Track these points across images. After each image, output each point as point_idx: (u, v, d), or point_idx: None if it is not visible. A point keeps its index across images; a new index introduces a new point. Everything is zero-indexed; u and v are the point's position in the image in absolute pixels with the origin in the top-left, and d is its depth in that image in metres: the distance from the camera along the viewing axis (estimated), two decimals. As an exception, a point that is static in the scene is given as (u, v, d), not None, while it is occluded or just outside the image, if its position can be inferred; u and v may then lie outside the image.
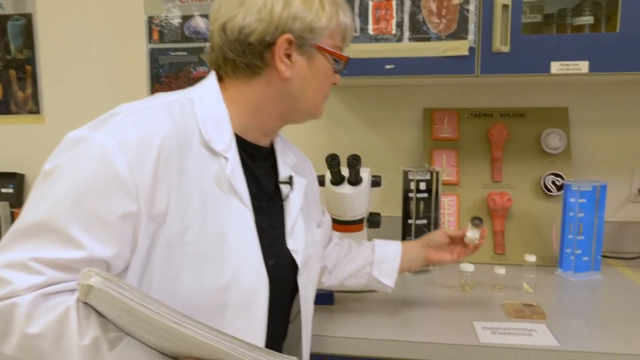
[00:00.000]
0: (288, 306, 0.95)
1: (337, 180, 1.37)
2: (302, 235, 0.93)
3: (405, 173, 1.51)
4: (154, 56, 1.84)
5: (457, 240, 1.18)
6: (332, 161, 1.32)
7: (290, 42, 0.82)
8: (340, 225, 1.42)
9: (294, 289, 0.93)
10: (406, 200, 1.51)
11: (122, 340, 0.66)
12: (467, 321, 1.15)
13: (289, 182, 0.94)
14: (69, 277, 0.69)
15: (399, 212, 1.56)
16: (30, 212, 0.70)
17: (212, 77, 0.88)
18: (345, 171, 1.38)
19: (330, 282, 1.18)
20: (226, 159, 0.80)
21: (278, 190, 0.94)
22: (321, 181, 1.43)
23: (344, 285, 1.18)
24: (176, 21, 1.82)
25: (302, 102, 0.88)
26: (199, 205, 0.76)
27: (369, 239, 1.64)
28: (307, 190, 0.99)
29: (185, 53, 1.82)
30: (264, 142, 0.92)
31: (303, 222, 0.95)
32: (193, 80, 1.82)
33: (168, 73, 1.84)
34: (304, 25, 0.82)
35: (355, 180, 1.36)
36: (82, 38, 1.90)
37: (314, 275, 1.00)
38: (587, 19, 1.40)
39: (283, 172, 0.94)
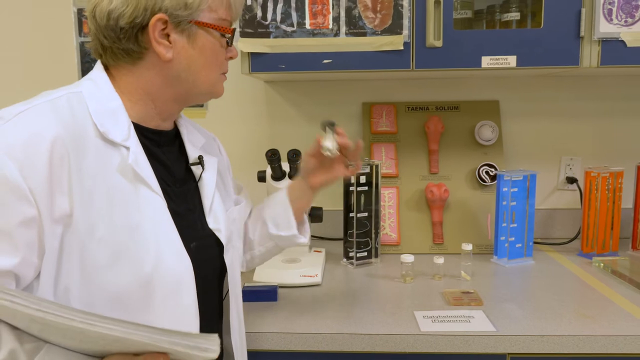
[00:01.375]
0: (218, 286, 0.93)
1: (278, 175, 1.36)
2: (222, 213, 0.91)
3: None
4: (85, 50, 1.76)
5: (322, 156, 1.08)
6: (273, 156, 1.30)
7: (164, 22, 0.78)
8: (282, 221, 1.41)
9: (222, 268, 0.91)
10: (347, 193, 1.51)
11: (41, 348, 0.63)
12: (409, 311, 1.17)
13: (200, 162, 0.91)
14: None
15: (340, 206, 1.56)
16: None
17: (98, 67, 0.83)
18: (286, 166, 1.37)
19: (247, 259, 1.11)
20: (127, 148, 0.77)
21: (190, 173, 0.91)
22: (262, 177, 1.42)
23: (258, 256, 1.10)
24: (107, 14, 1.73)
25: (194, 83, 0.83)
26: (105, 199, 0.73)
27: (312, 233, 1.64)
28: (219, 168, 0.97)
29: (117, 48, 1.74)
30: (166, 127, 0.88)
31: (221, 200, 0.93)
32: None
33: (100, 69, 1.75)
34: (175, 2, 0.77)
35: (296, 175, 1.35)
36: (5, 30, 1.78)
37: (239, 252, 0.98)
38: (514, 15, 1.45)
39: (192, 154, 0.91)
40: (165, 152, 0.87)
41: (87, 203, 0.71)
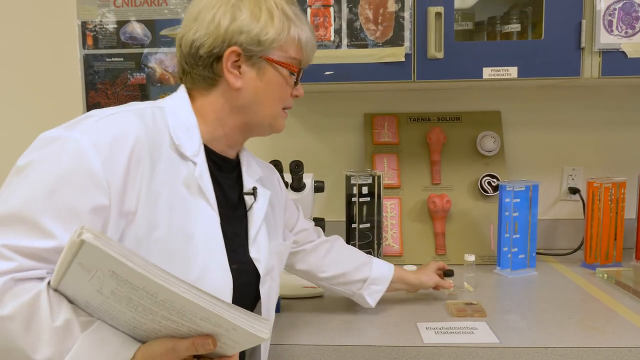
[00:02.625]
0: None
1: (280, 186, 1.35)
2: (264, 244, 0.95)
3: (348, 178, 1.51)
4: (89, 62, 1.77)
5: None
6: (275, 168, 1.30)
7: (238, 54, 0.86)
8: (285, 232, 1.41)
9: (256, 298, 0.94)
10: (349, 204, 1.51)
11: (94, 322, 0.68)
12: (412, 322, 1.17)
13: (253, 193, 0.96)
14: (40, 265, 0.70)
15: (342, 217, 1.56)
16: (1, 203, 0.71)
17: (181, 89, 0.92)
18: (288, 177, 1.37)
19: (321, 283, 1.21)
20: (195, 163, 0.84)
21: (242, 202, 0.96)
22: (264, 188, 1.41)
23: (333, 290, 1.22)
24: (111, 26, 1.75)
25: (257, 113, 0.91)
26: (168, 204, 0.79)
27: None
28: (273, 201, 1.02)
29: (121, 59, 1.76)
30: (230, 154, 0.95)
31: (266, 232, 0.97)
32: (130, 87, 1.76)
33: (104, 79, 1.77)
34: (250, 38, 0.85)
35: (298, 186, 1.36)
36: (9, 42, 1.80)
37: (276, 284, 1.01)
38: (514, 27, 1.46)
39: (247, 184, 0.97)
40: (225, 177, 0.93)
41: (152, 205, 0.77)
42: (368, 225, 1.51)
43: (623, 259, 1.59)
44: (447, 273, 1.32)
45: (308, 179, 1.40)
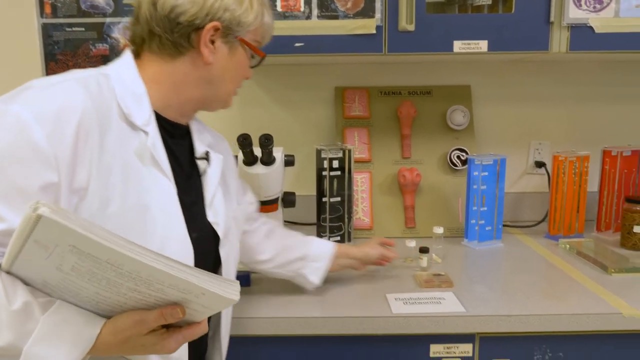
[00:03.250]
0: None
1: (250, 160, 1.35)
2: (221, 208, 0.95)
3: (319, 152, 1.52)
4: (48, 32, 1.71)
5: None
6: (244, 141, 1.30)
7: (216, 30, 0.86)
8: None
9: (215, 263, 0.94)
10: (320, 178, 1.52)
11: (54, 303, 0.66)
12: (381, 294, 1.19)
13: (206, 157, 0.96)
14: None
15: (313, 191, 1.57)
16: None
17: (127, 55, 0.88)
18: (257, 151, 1.36)
19: (264, 267, 1.19)
20: (146, 132, 0.82)
21: (195, 168, 0.95)
22: (234, 162, 1.41)
23: (273, 274, 1.20)
24: (71, -6, 1.69)
25: (219, 90, 0.91)
26: (120, 177, 0.77)
27: (285, 218, 1.64)
28: (224, 167, 1.01)
29: (82, 29, 1.70)
30: (181, 121, 0.93)
31: (222, 196, 0.97)
32: (93, 58, 1.71)
33: (64, 50, 1.71)
34: (233, 17, 0.86)
35: (268, 160, 1.35)
36: (-38, 11, 1.72)
37: (235, 248, 1.01)
38: (485, 0, 1.47)
39: (199, 149, 0.96)
40: (176, 144, 0.91)
41: (104, 179, 0.75)
42: (339, 199, 1.53)
43: (585, 230, 1.65)
44: (423, 249, 1.34)
45: (278, 153, 1.40)
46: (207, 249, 0.91)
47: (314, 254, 1.19)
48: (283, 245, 1.18)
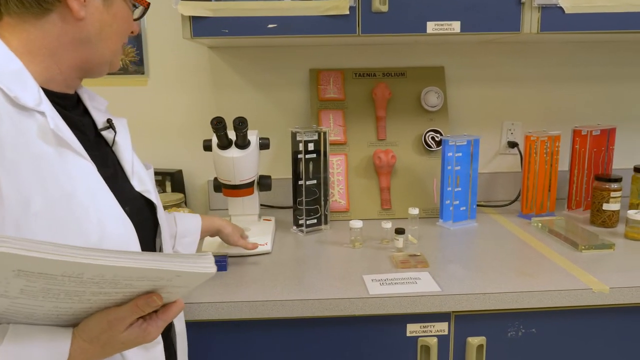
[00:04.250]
0: (153, 247, 0.91)
1: (224, 144, 1.34)
2: (145, 174, 0.90)
3: (294, 134, 1.51)
4: None
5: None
6: (218, 125, 1.28)
7: None
8: (230, 190, 1.40)
9: (154, 228, 0.90)
10: (295, 161, 1.51)
11: (6, 330, 0.60)
12: (358, 275, 1.20)
13: (110, 125, 0.88)
14: None
15: (289, 174, 1.56)
16: None
17: None
18: (232, 134, 1.35)
19: None
20: (42, 113, 0.71)
21: (101, 138, 0.87)
22: (208, 146, 1.39)
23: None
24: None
25: (101, 49, 0.80)
26: (32, 170, 0.68)
27: (261, 202, 1.64)
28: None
29: None
30: (68, 92, 0.83)
31: (139, 161, 0.91)
32: None
33: None
34: None
35: (242, 144, 1.34)
36: None
37: (163, 211, 0.97)
38: (459, -20, 1.46)
39: (99, 118, 0.87)
40: (76, 115, 0.82)
41: (14, 176, 0.66)
42: (315, 181, 1.52)
43: (556, 208, 1.69)
44: (398, 231, 1.34)
45: (253, 136, 1.38)
46: (144, 218, 0.86)
47: (182, 230, 1.14)
48: None
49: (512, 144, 1.83)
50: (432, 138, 1.70)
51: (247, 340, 1.12)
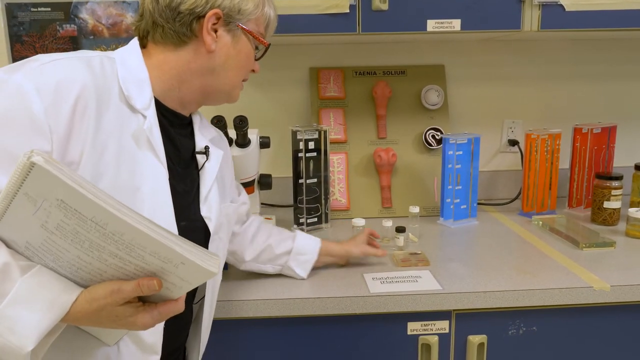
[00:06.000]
0: None
1: (225, 143, 1.33)
2: (215, 203, 0.96)
3: (294, 133, 1.50)
4: (12, 12, 1.65)
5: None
6: (218, 123, 1.28)
7: (218, 18, 0.88)
8: (231, 189, 1.40)
9: None
10: (296, 160, 1.51)
11: (34, 267, 0.66)
12: (359, 273, 1.20)
13: (205, 152, 0.96)
14: None
15: (289, 173, 1.56)
16: None
17: (134, 42, 0.90)
18: (232, 133, 1.35)
19: (249, 266, 1.18)
20: (145, 116, 0.83)
21: (194, 160, 0.96)
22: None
23: (260, 270, 1.19)
24: (34, -27, 1.62)
25: (222, 79, 0.92)
26: (114, 157, 0.78)
27: (262, 201, 1.64)
28: (222, 164, 1.01)
29: (48, 9, 1.65)
30: (182, 112, 0.94)
31: (217, 192, 0.97)
32: (60, 40, 1.66)
33: (30, 31, 1.65)
34: (232, 5, 0.88)
35: (243, 142, 1.34)
36: None
37: (224, 245, 1.02)
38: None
39: (200, 143, 0.97)
40: (177, 133, 0.92)
41: (97, 156, 0.76)
42: (315, 180, 1.52)
43: (557, 207, 1.68)
44: (399, 229, 1.34)
45: (253, 135, 1.38)
46: (194, 241, 0.89)
47: (299, 247, 1.19)
48: (267, 244, 1.17)
49: (513, 142, 1.83)
50: (433, 136, 1.70)
51: (247, 338, 1.12)
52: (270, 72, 1.75)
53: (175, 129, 0.92)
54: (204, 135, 0.98)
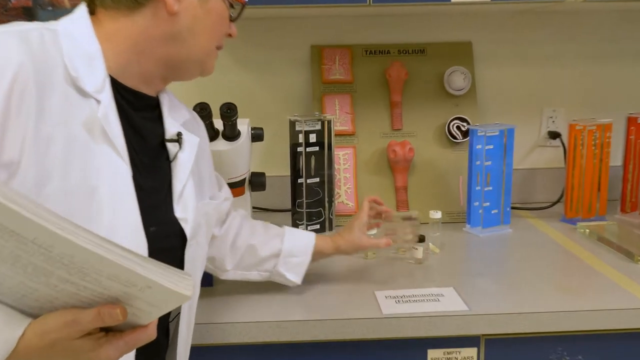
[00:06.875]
0: None
1: (210, 134, 1.33)
2: (192, 202, 0.94)
3: (292, 123, 1.50)
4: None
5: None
6: (202, 112, 1.28)
7: None
8: (217, 190, 1.40)
9: (180, 264, 0.93)
10: (295, 155, 1.51)
11: None
12: (369, 291, 1.20)
13: (178, 139, 0.94)
14: None
15: (287, 171, 1.56)
16: None
17: (81, 9, 0.87)
18: (218, 124, 1.34)
19: (231, 275, 1.18)
20: (98, 101, 0.80)
21: (164, 150, 0.94)
22: (190, 137, 1.39)
23: (245, 278, 1.18)
24: None
25: (190, 47, 0.89)
26: (63, 152, 0.75)
27: (254, 204, 1.63)
28: (199, 152, 1.00)
29: (-1, -23, 1.65)
30: (146, 92, 0.91)
31: (194, 187, 0.96)
32: (12, 11, 1.66)
33: (-23, 3, 1.66)
34: None
35: (231, 134, 1.33)
36: None
37: (203, 251, 1.01)
38: (489, -61, 1.46)
39: (170, 128, 0.94)
40: (142, 118, 0.90)
41: (41, 152, 0.73)
42: (317, 180, 1.52)
43: (607, 212, 1.67)
44: (418, 238, 1.33)
45: (243, 126, 1.38)
46: (168, 248, 0.90)
47: (289, 248, 1.17)
48: (249, 245, 1.16)
49: (554, 135, 1.82)
50: (458, 127, 1.69)
51: (236, 369, 1.12)
52: (264, 51, 1.75)
53: (139, 112, 0.89)
54: (174, 118, 0.96)
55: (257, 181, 1.48)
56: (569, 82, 1.83)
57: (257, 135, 1.44)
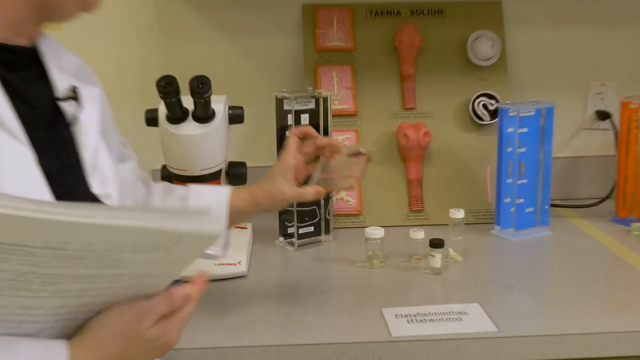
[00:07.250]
0: None
1: (177, 115, 1.33)
2: (110, 171, 0.93)
3: (280, 101, 1.50)
4: None
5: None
6: (167, 87, 1.27)
7: None
8: (187, 183, 1.39)
9: None
10: (282, 141, 1.50)
11: None
12: (375, 307, 1.19)
13: (74, 96, 0.90)
14: None
15: (272, 160, 1.55)
16: None
17: None
18: (188, 102, 1.34)
19: None
20: None
21: (59, 113, 0.90)
22: (152, 118, 1.39)
23: None
24: None
25: None
26: None
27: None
28: (102, 108, 0.98)
29: None
30: (20, 43, 0.86)
31: (107, 153, 0.94)
32: None
33: None
34: None
35: (203, 115, 1.33)
36: None
37: None
38: None
39: (61, 84, 0.90)
40: (23, 80, 0.85)
41: None
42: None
43: (668, 210, 1.68)
44: (435, 243, 1.33)
45: (219, 104, 1.38)
46: None
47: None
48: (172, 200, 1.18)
49: (603, 115, 1.82)
50: (484, 106, 1.69)
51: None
52: (244, 11, 1.75)
53: (17, 73, 0.84)
54: (62, 69, 0.91)
55: (236, 172, 1.47)
56: (621, 50, 1.83)
57: (235, 116, 1.43)
